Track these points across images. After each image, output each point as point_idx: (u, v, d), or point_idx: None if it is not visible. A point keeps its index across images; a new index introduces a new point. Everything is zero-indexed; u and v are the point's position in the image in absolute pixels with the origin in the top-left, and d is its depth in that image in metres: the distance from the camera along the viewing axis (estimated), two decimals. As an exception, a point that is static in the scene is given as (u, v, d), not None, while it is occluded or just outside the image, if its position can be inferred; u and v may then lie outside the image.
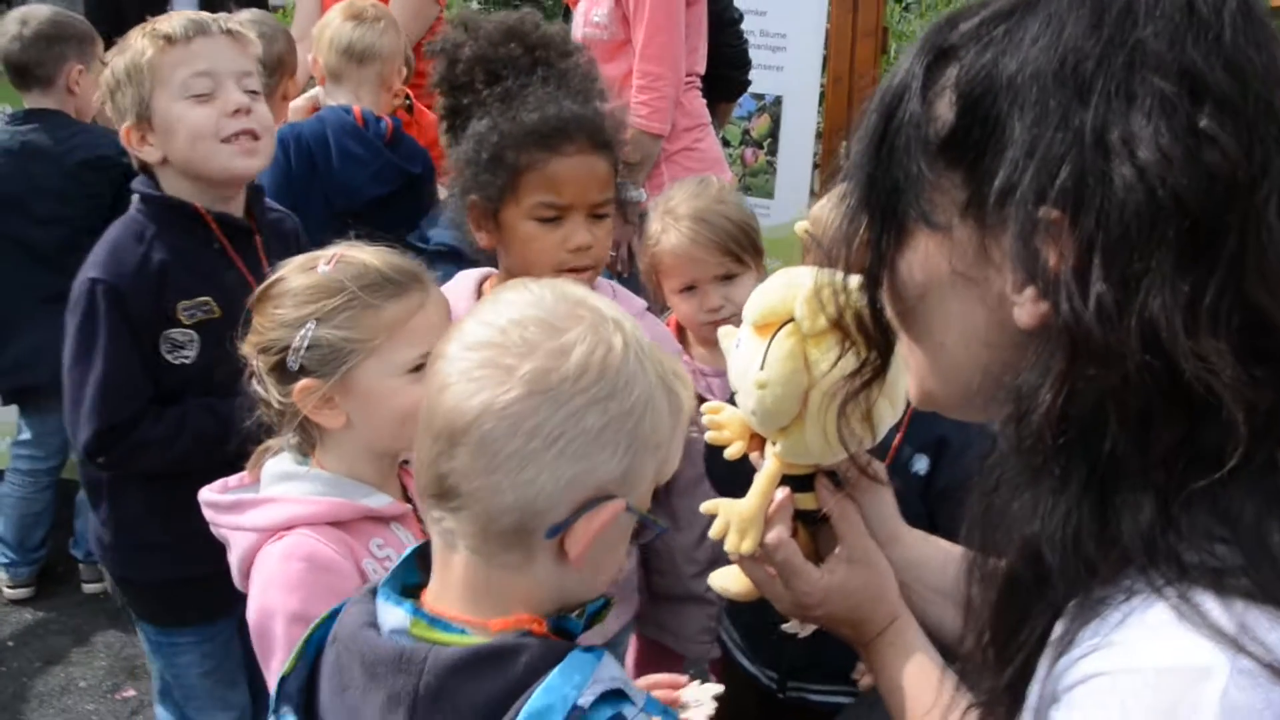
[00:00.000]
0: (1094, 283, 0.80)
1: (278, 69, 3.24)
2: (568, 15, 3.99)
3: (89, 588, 3.86)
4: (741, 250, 2.28)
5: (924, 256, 0.94)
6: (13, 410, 3.83)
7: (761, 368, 1.25)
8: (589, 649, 1.04)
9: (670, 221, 2.30)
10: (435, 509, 1.05)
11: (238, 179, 2.21)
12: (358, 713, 1.05)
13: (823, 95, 5.94)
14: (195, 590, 2.21)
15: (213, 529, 1.66)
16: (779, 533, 1.30)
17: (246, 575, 1.59)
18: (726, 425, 1.40)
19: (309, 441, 1.64)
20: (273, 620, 1.49)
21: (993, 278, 0.89)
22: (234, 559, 1.62)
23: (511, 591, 1.05)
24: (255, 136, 2.17)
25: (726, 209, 2.32)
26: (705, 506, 1.34)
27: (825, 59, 5.94)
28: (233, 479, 1.69)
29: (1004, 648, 0.92)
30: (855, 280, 1.02)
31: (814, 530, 1.37)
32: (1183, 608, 0.78)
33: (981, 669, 0.96)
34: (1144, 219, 0.79)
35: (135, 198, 2.23)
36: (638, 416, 1.02)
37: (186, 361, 2.15)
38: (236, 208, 2.26)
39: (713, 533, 1.31)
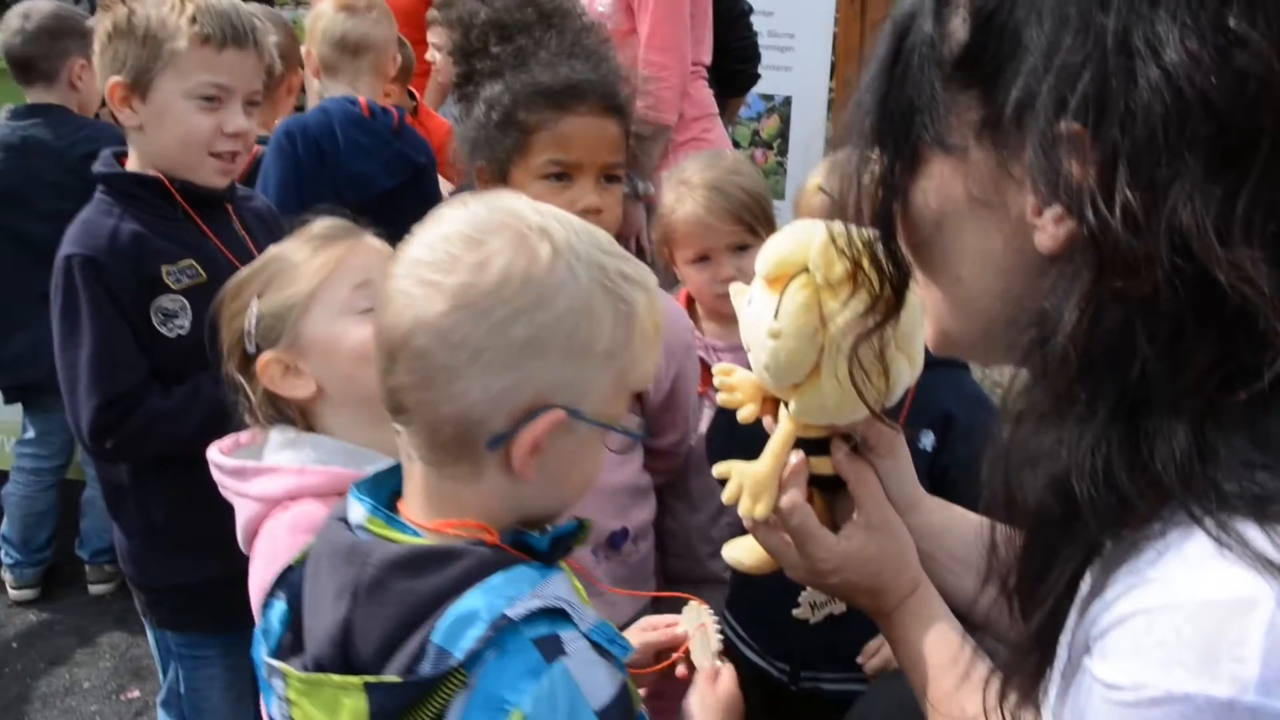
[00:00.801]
0: (1119, 190, 0.76)
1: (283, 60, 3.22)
2: None
3: (95, 589, 3.83)
4: (755, 220, 2.26)
5: (939, 183, 0.90)
6: (17, 410, 3.81)
7: (775, 319, 1.20)
8: (542, 567, 1.05)
9: (685, 190, 2.28)
10: (393, 422, 1.09)
11: (206, 187, 2.16)
12: (320, 602, 1.07)
13: (831, 96, 5.92)
14: (224, 592, 2.13)
15: (220, 490, 1.65)
16: (793, 496, 1.25)
17: (250, 541, 1.58)
18: (738, 387, 1.36)
19: (304, 427, 1.62)
20: None
21: (1011, 201, 0.85)
22: (239, 522, 1.61)
23: (465, 502, 1.06)
24: (235, 155, 2.15)
25: (741, 179, 2.30)
26: (718, 469, 1.29)
27: (834, 59, 5.92)
28: (244, 435, 1.67)
29: (1032, 592, 0.88)
30: (867, 216, 0.98)
31: (830, 498, 1.32)
32: (1223, 537, 0.73)
33: (1007, 620, 0.92)
34: (1171, 122, 0.75)
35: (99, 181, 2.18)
36: (571, 325, 1.01)
37: (182, 332, 2.08)
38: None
39: (725, 497, 1.27)
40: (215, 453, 1.66)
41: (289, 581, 1.16)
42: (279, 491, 1.54)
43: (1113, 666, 0.76)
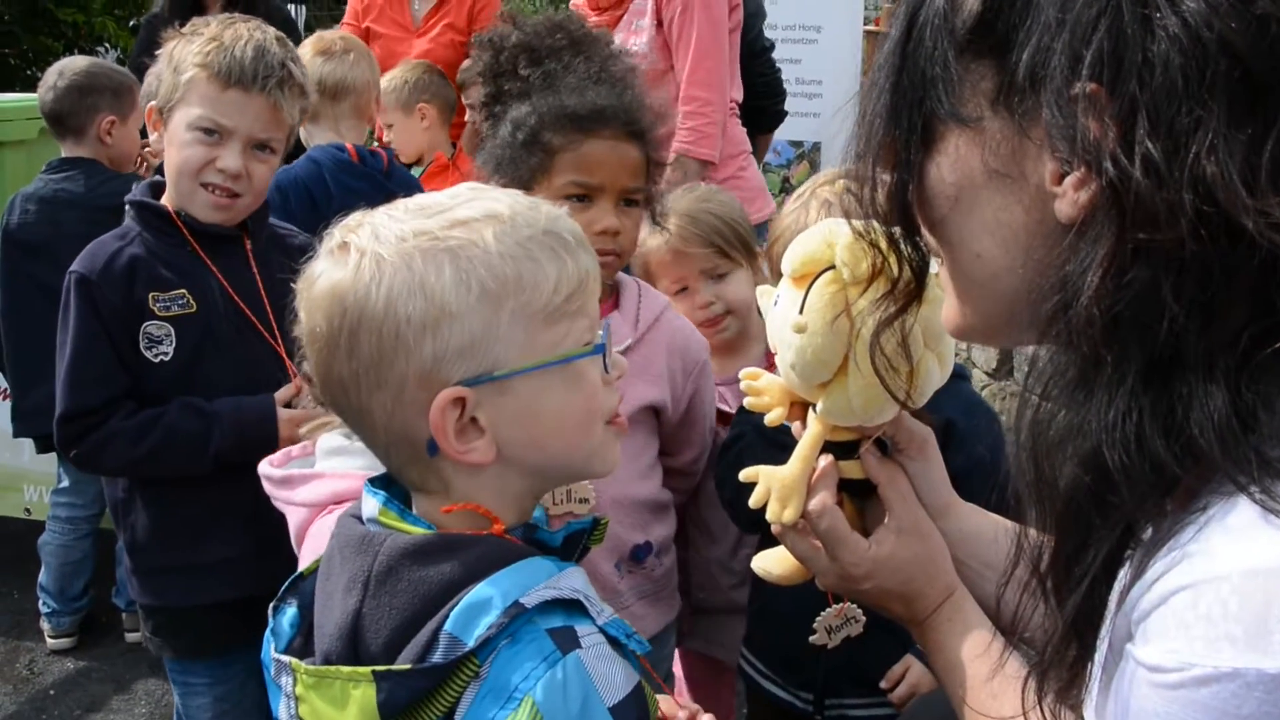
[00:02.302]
0: (1139, 141, 0.75)
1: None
2: None
3: (131, 636, 3.82)
4: (728, 245, 2.27)
5: (955, 157, 0.90)
6: (52, 460, 3.84)
7: (800, 313, 1.19)
8: (558, 560, 1.03)
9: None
10: None
11: (203, 221, 2.19)
12: (331, 597, 1.05)
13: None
14: (208, 620, 2.21)
15: (272, 501, 1.67)
16: (823, 498, 1.23)
17: (300, 547, 1.59)
18: (765, 391, 1.34)
19: None
20: None
21: (1030, 170, 0.84)
22: (291, 531, 1.61)
23: (449, 512, 1.05)
24: (234, 195, 2.16)
25: (712, 206, 2.33)
26: (745, 474, 1.27)
27: (861, 104, 5.94)
28: (295, 449, 1.69)
29: (1066, 574, 0.85)
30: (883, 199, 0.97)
31: (861, 504, 1.30)
32: (1268, 503, 0.70)
33: (1040, 621, 0.88)
34: (1191, 70, 0.74)
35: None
36: (404, 308, 0.98)
37: (165, 358, 2.15)
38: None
39: (753, 501, 1.25)
40: (265, 466, 1.67)
41: (301, 589, 1.15)
42: (324, 496, 1.54)
43: (1156, 648, 0.73)
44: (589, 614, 1.00)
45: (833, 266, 1.20)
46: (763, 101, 4.14)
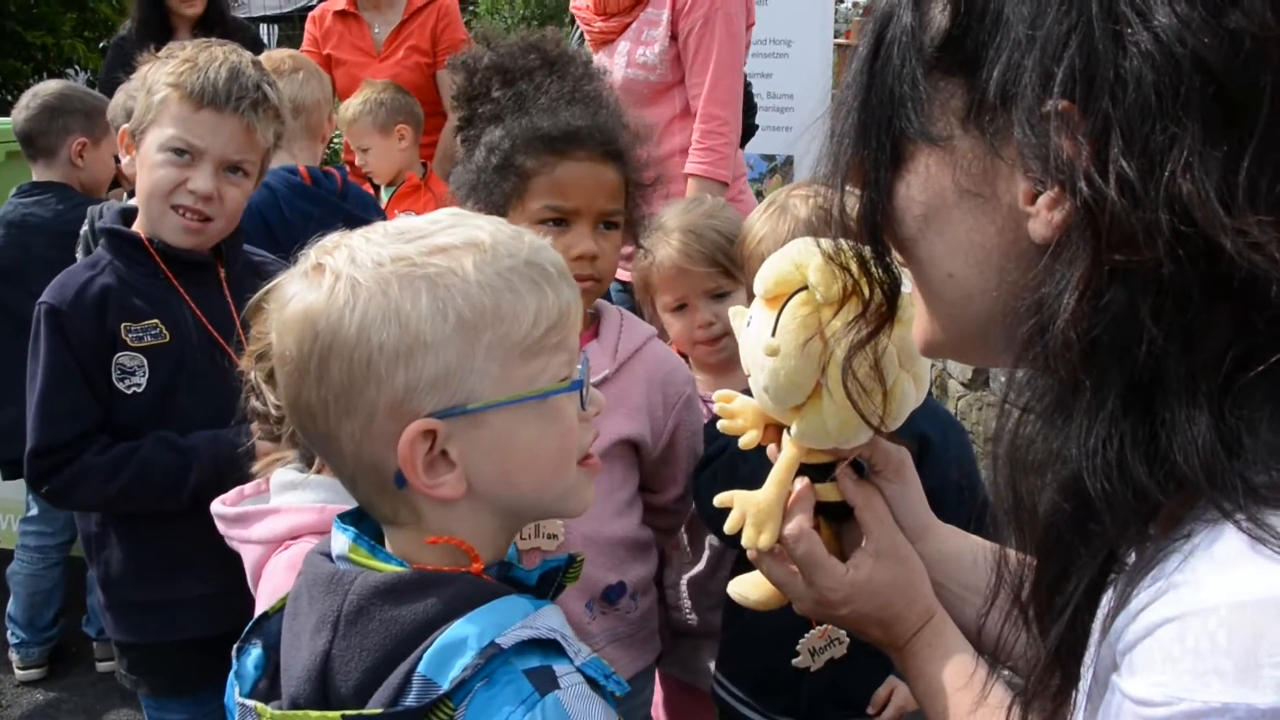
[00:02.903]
0: (1114, 160, 0.73)
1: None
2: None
3: (102, 666, 3.78)
4: (731, 264, 2.22)
5: (925, 177, 0.88)
6: (20, 487, 3.78)
7: (773, 335, 1.18)
8: (533, 599, 1.01)
9: (660, 236, 2.25)
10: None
11: (174, 245, 2.16)
12: (298, 638, 1.02)
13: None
14: (183, 656, 2.17)
15: (226, 541, 1.64)
16: (799, 523, 1.21)
17: (257, 587, 1.56)
18: (739, 413, 1.32)
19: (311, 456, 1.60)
20: None
21: (1002, 190, 0.83)
22: (247, 570, 1.59)
23: (434, 544, 1.02)
24: (205, 218, 2.13)
25: (717, 222, 2.28)
26: (720, 499, 1.26)
27: (833, 117, 5.96)
28: (248, 487, 1.66)
29: (1048, 603, 0.83)
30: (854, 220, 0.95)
31: (838, 527, 1.28)
32: (1256, 532, 0.69)
33: (1023, 647, 0.87)
34: (1165, 87, 0.72)
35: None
36: (378, 336, 0.95)
37: (138, 390, 2.12)
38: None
39: (727, 527, 1.23)
40: (218, 505, 1.64)
41: (265, 629, 1.12)
42: (280, 531, 1.52)
43: (1144, 681, 0.71)
44: (566, 654, 0.97)
45: (805, 288, 1.18)
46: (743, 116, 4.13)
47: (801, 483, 1.24)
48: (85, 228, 3.11)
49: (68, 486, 2.11)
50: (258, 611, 1.49)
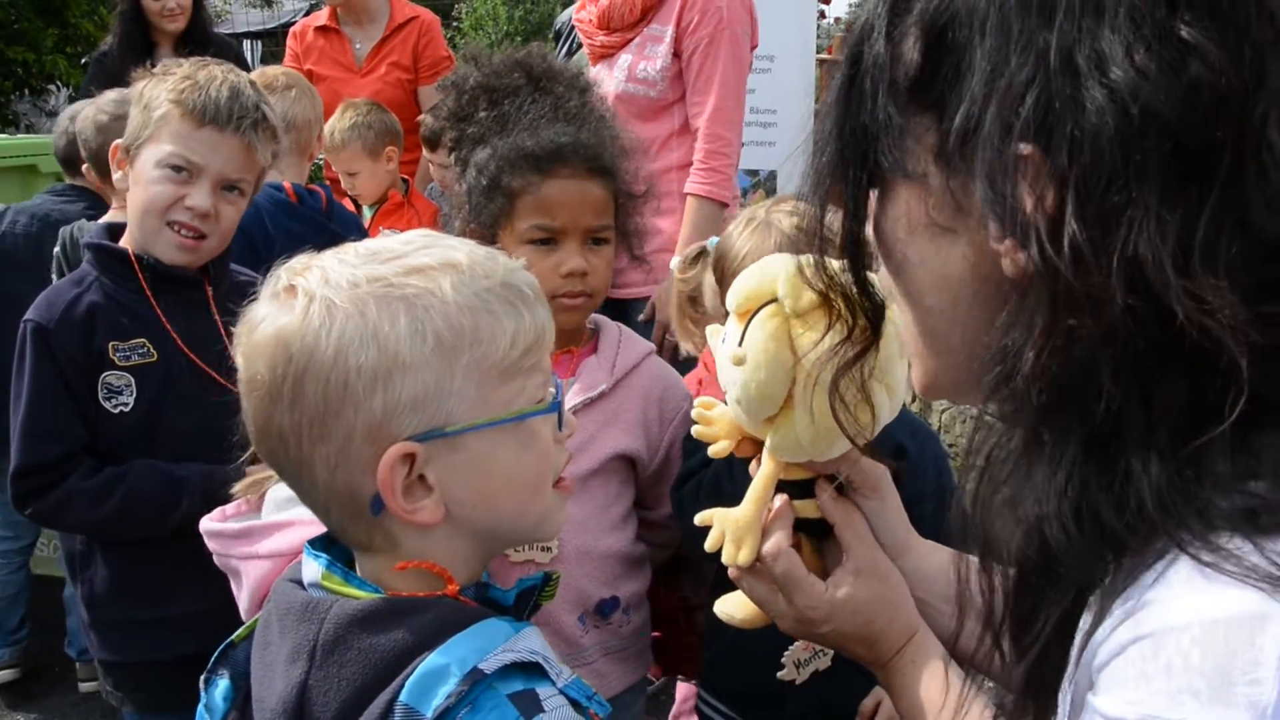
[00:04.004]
0: (1067, 223, 0.72)
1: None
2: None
3: (85, 686, 3.75)
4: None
5: (904, 209, 0.88)
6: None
7: (740, 345, 1.18)
8: (513, 620, 0.99)
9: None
10: None
11: (167, 262, 2.15)
12: (271, 669, 1.00)
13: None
14: (167, 675, 2.13)
15: (217, 560, 1.61)
16: (777, 540, 1.21)
17: (260, 606, 1.51)
18: (715, 422, 1.32)
19: None
20: None
21: (974, 226, 0.82)
22: (245, 589, 1.55)
23: (404, 569, 1.01)
24: (200, 236, 2.12)
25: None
26: (700, 517, 1.26)
27: (816, 132, 5.99)
28: (229, 507, 1.63)
29: (1017, 639, 0.83)
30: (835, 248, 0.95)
31: (819, 545, 1.28)
32: (1214, 559, 0.69)
33: (1000, 673, 0.87)
34: (1119, 145, 0.71)
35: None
36: (356, 360, 0.93)
37: (125, 409, 2.10)
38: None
39: (707, 545, 1.23)
40: (211, 523, 1.61)
41: (231, 658, 1.10)
42: (296, 543, 1.47)
43: (1118, 699, 0.71)
44: (548, 676, 0.96)
45: (775, 299, 1.18)
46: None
47: (781, 499, 1.25)
48: (57, 249, 3.10)
49: (53, 510, 2.09)
50: None
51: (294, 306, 0.95)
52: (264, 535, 1.55)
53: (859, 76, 0.88)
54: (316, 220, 3.09)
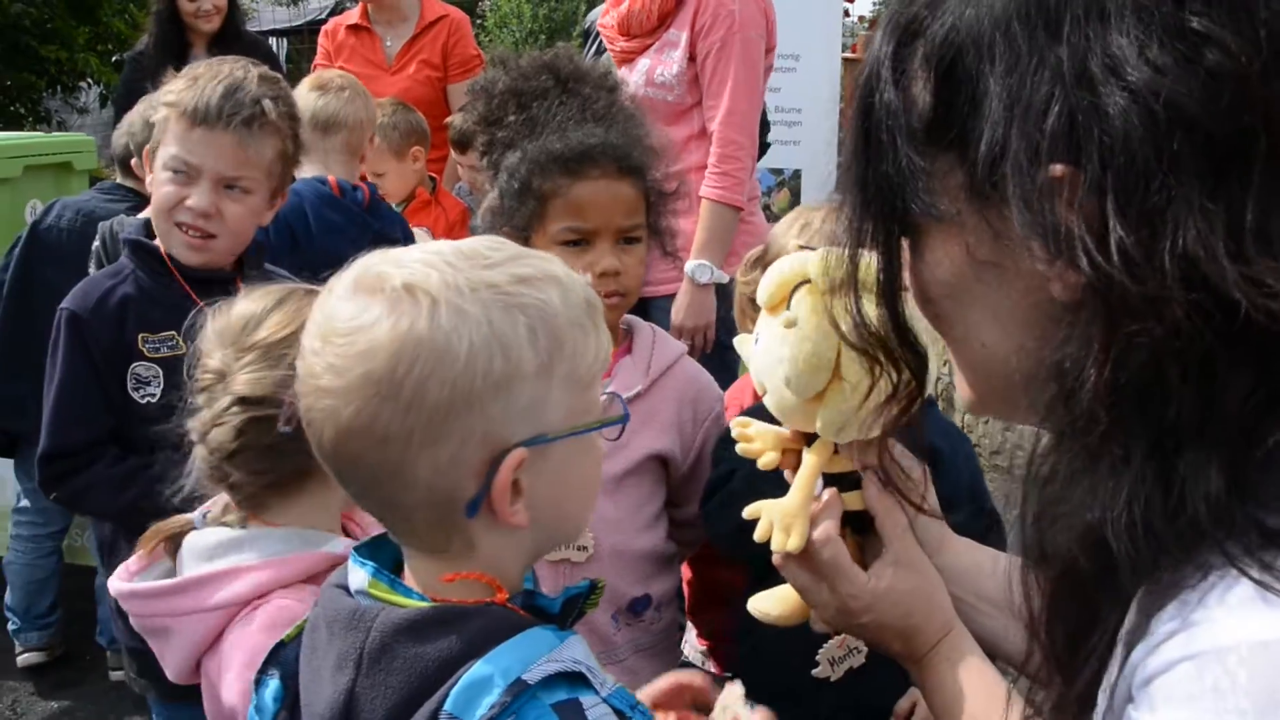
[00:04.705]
0: (1113, 230, 0.72)
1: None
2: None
3: (115, 675, 3.79)
4: None
5: (941, 253, 0.87)
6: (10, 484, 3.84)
7: (789, 311, 1.22)
8: (557, 630, 0.99)
9: None
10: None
11: (182, 261, 2.18)
12: (319, 674, 1.01)
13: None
14: None
15: (138, 621, 1.54)
16: (827, 528, 1.22)
17: (196, 666, 1.48)
18: (756, 438, 1.34)
19: (255, 504, 1.53)
20: None
21: (1018, 257, 0.80)
22: (179, 648, 1.48)
23: (472, 570, 1.01)
24: (207, 235, 2.15)
25: None
26: (749, 510, 1.27)
27: (840, 132, 6.02)
28: (131, 563, 1.57)
29: (1073, 654, 0.82)
30: (871, 302, 0.95)
31: (861, 539, 1.30)
32: (1265, 578, 0.69)
33: (1049, 681, 0.86)
34: (1150, 145, 0.71)
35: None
36: (485, 363, 0.94)
37: (152, 400, 2.14)
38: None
39: (757, 535, 1.24)
40: (119, 584, 1.53)
41: (281, 658, 1.10)
42: (248, 591, 1.43)
43: (1163, 717, 0.71)
44: (592, 685, 0.97)
45: (807, 280, 1.22)
46: (751, 135, 4.14)
47: (830, 491, 1.27)
48: (96, 243, 3.15)
49: (77, 496, 2.15)
50: (224, 686, 1.42)
51: (417, 308, 0.94)
52: (207, 587, 1.46)
53: (873, 128, 0.87)
54: (356, 213, 3.12)
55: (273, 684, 1.09)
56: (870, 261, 0.94)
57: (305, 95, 3.23)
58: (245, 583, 1.44)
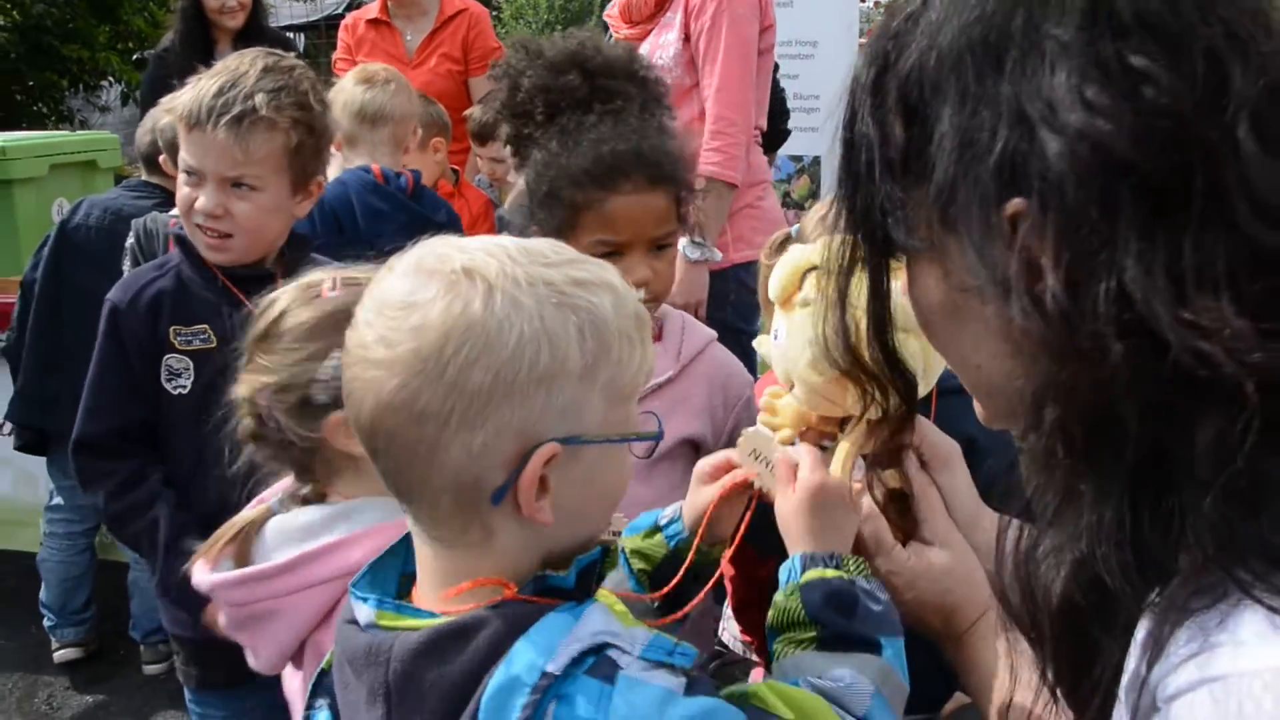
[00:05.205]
0: (1045, 276, 0.72)
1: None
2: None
3: (149, 669, 3.84)
4: None
5: (927, 282, 0.88)
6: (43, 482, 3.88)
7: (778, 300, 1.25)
8: (573, 607, 0.98)
9: None
10: (401, 505, 1.05)
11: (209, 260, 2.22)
12: (355, 709, 1.02)
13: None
14: (219, 650, 2.18)
15: (238, 610, 1.56)
16: (868, 504, 1.24)
17: (299, 649, 1.50)
18: (781, 411, 1.35)
19: (323, 481, 1.57)
20: None
21: (996, 280, 0.80)
22: (285, 630, 1.51)
23: (483, 568, 1.00)
24: (224, 235, 2.16)
25: None
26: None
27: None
28: (205, 558, 1.58)
29: (1076, 688, 0.82)
30: (864, 325, 0.96)
31: (902, 520, 1.31)
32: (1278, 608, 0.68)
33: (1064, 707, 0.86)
34: (1086, 187, 0.70)
35: None
36: (532, 355, 0.94)
37: (183, 391, 2.19)
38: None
39: None
40: (221, 575, 1.54)
41: (327, 687, 1.11)
42: (364, 557, 1.41)
43: None
44: (620, 649, 0.96)
45: (815, 267, 1.25)
46: (770, 122, 4.13)
47: (868, 471, 1.28)
48: (131, 239, 3.18)
49: (92, 495, 2.23)
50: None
51: (474, 292, 0.95)
52: (319, 560, 1.49)
53: (854, 160, 0.88)
54: (400, 200, 3.17)
55: (323, 714, 1.10)
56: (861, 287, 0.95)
57: (351, 89, 3.29)
58: (361, 549, 1.46)
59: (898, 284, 0.97)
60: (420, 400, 0.95)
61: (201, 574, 1.56)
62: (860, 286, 0.95)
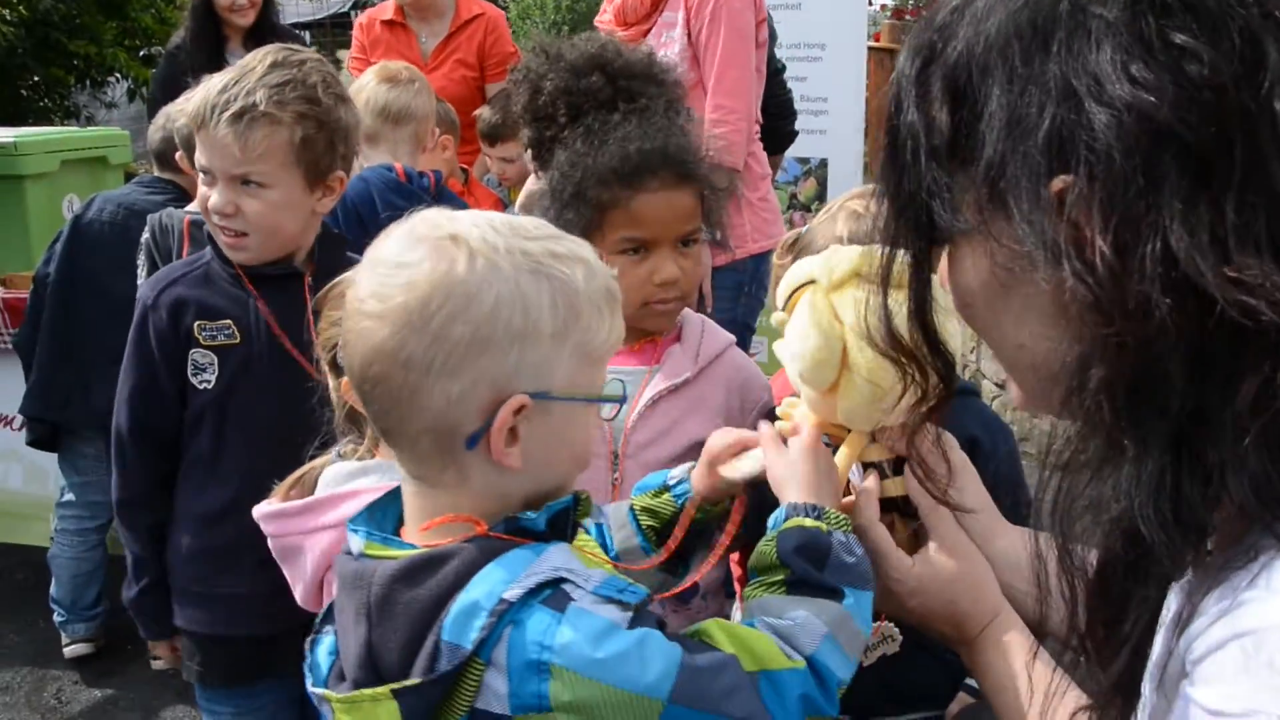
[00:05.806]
0: (1095, 238, 0.75)
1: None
2: None
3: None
4: None
5: (971, 262, 0.91)
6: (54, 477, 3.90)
7: (788, 318, 1.30)
8: (538, 545, 1.09)
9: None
10: (388, 448, 1.17)
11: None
12: (346, 629, 1.14)
13: (866, 159, 5.99)
14: (236, 650, 2.26)
15: (274, 543, 1.69)
16: (869, 514, 1.26)
17: (319, 584, 1.59)
18: (792, 417, 1.38)
19: (373, 439, 1.67)
20: None
21: (1040, 258, 0.83)
22: (308, 564, 1.61)
23: (459, 507, 1.11)
24: (237, 234, 2.17)
25: None
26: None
27: (867, 121, 6.01)
28: (274, 498, 1.72)
29: (1107, 640, 0.85)
30: (901, 311, 0.99)
31: (908, 527, 1.33)
32: None
33: (1087, 666, 0.89)
34: (1132, 156, 0.74)
35: None
36: (507, 315, 1.06)
37: (208, 385, 2.21)
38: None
39: None
40: (269, 506, 1.70)
41: (333, 616, 1.20)
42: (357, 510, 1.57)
43: (1219, 692, 0.73)
44: (574, 584, 1.06)
45: (813, 281, 1.29)
46: (776, 122, 4.15)
47: (871, 477, 1.29)
48: (146, 235, 3.19)
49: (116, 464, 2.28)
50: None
51: (458, 256, 1.07)
52: (329, 507, 1.61)
53: (899, 148, 0.92)
54: (422, 198, 3.18)
55: (328, 639, 1.19)
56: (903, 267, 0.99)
57: (374, 87, 3.31)
58: (359, 503, 1.50)
59: (935, 276, 1.00)
60: (406, 349, 1.06)
61: (259, 506, 1.72)
62: (902, 275, 0.98)
